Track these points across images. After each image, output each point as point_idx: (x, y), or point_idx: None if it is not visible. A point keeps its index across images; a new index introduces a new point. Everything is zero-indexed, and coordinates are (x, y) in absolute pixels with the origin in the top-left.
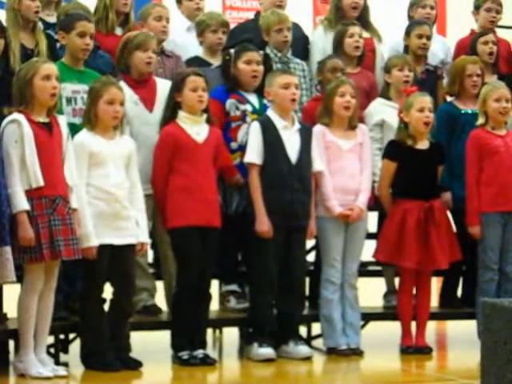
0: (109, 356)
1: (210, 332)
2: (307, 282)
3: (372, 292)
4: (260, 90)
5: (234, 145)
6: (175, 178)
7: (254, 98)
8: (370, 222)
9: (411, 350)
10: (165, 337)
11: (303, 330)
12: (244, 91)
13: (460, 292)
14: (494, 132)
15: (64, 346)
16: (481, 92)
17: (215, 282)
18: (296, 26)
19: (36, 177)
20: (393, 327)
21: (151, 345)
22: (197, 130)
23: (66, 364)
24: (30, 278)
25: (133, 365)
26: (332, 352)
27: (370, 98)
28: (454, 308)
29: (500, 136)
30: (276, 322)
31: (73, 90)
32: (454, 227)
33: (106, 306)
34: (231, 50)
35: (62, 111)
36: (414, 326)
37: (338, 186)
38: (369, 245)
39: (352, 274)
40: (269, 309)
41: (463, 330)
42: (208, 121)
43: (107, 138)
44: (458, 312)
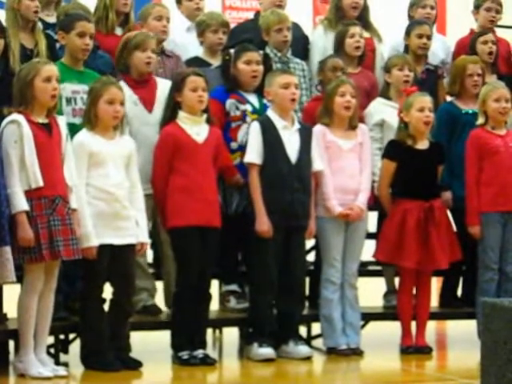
0: (109, 356)
1: (209, 332)
2: (307, 281)
3: (372, 292)
4: (260, 90)
5: (233, 145)
6: (175, 178)
7: (253, 98)
8: (370, 221)
9: (411, 349)
10: (165, 337)
11: (303, 330)
12: (244, 91)
13: (460, 292)
14: (493, 132)
15: (64, 346)
16: (480, 92)
17: (215, 282)
18: (296, 26)
19: (35, 177)
20: (393, 327)
21: (151, 345)
22: (197, 130)
23: (66, 364)
24: (29, 278)
25: (133, 365)
26: (332, 352)
27: (371, 98)
28: (453, 308)
29: (500, 136)
30: (276, 321)
31: (72, 90)
32: (454, 227)
33: (105, 306)
34: (231, 50)
35: (61, 111)
36: (414, 325)
37: (337, 185)
38: (369, 245)
39: (352, 274)
40: (269, 309)
41: (463, 329)
42: (208, 121)
43: (107, 138)
44: (457, 312)
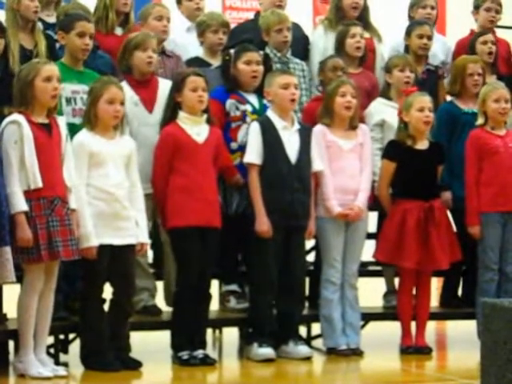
0: (109, 356)
1: (209, 332)
2: (307, 282)
3: (372, 292)
4: (260, 91)
5: (233, 145)
6: (175, 178)
7: (253, 99)
8: (370, 222)
9: (411, 350)
10: (165, 337)
11: (303, 330)
12: (244, 91)
13: (460, 292)
14: (493, 132)
15: (64, 346)
16: (480, 92)
17: (215, 282)
18: (296, 26)
19: (35, 178)
20: (393, 327)
21: (151, 345)
22: (197, 130)
23: (65, 364)
24: (29, 278)
25: (133, 365)
26: (332, 352)
27: (372, 99)
28: (454, 308)
29: (499, 136)
30: (276, 322)
31: (72, 90)
32: (454, 227)
33: (105, 306)
34: (231, 51)
35: (61, 112)
36: (414, 326)
37: (337, 186)
38: (369, 245)
39: (352, 274)
40: (269, 309)
41: (463, 330)
42: (208, 121)
43: (107, 138)
44: (457, 312)
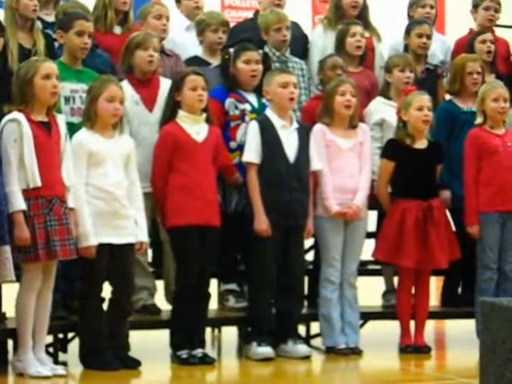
0: (107, 355)
1: (208, 331)
2: (306, 281)
3: (371, 291)
4: (259, 90)
5: (233, 144)
6: (175, 177)
7: (253, 98)
8: (370, 221)
9: (410, 349)
10: (164, 336)
11: (302, 329)
12: (243, 90)
13: (459, 291)
14: (492, 131)
15: (63, 345)
16: (479, 91)
17: (214, 281)
18: (295, 25)
19: (34, 177)
20: (392, 326)
21: (150, 344)
22: (196, 129)
23: (64, 363)
24: (27, 278)
25: (132, 364)
26: (331, 351)
27: (371, 98)
28: (455, 306)
29: (498, 135)
30: (275, 321)
31: (71, 89)
32: (453, 226)
33: (104, 305)
34: (230, 50)
35: (60, 110)
36: (413, 325)
37: (336, 185)
38: (368, 244)
39: (351, 274)
40: (268, 308)
41: (462, 329)
42: (207, 120)
43: (106, 137)
44: (456, 311)
